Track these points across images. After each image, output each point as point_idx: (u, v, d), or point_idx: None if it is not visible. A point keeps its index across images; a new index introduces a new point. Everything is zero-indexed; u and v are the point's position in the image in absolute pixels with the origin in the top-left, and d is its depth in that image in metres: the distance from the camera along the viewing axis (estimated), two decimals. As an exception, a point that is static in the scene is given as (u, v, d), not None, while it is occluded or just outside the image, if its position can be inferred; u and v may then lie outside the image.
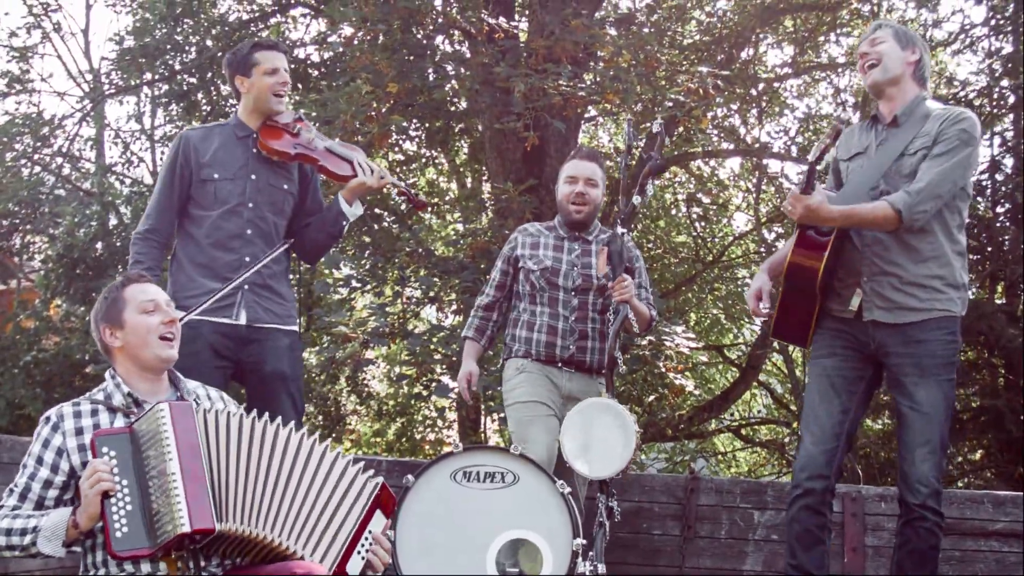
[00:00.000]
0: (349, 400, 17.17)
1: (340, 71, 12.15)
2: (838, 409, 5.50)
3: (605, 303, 6.53)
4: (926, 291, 5.36)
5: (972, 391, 14.43)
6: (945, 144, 5.30)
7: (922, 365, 5.32)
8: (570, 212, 6.68)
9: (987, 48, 15.09)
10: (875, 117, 5.63)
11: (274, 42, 6.31)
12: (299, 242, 6.39)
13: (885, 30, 5.54)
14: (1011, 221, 14.04)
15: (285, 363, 6.10)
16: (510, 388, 6.62)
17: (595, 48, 11.61)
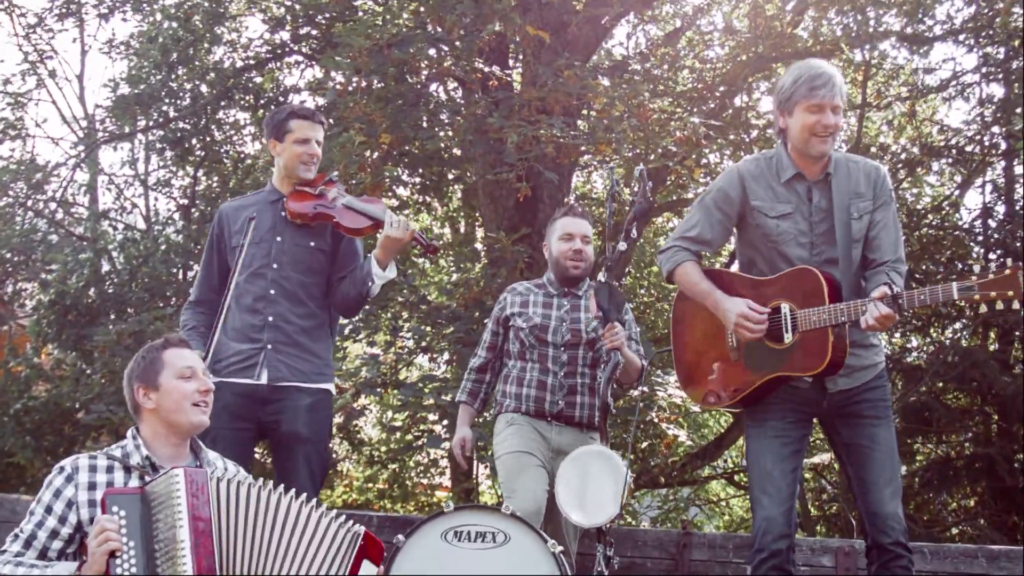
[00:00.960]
0: (341, 446, 17.13)
1: (334, 120, 12.15)
2: (790, 468, 5.49)
3: (595, 357, 6.59)
4: (866, 349, 5.50)
5: (965, 438, 14.45)
6: (884, 209, 5.48)
7: (878, 408, 5.50)
8: (567, 268, 6.72)
9: (978, 95, 15.17)
10: (798, 175, 5.50)
11: (310, 112, 6.39)
12: (334, 295, 6.39)
13: (840, 92, 5.40)
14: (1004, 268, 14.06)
15: (301, 423, 6.09)
16: (500, 440, 6.66)
17: (588, 98, 11.63)
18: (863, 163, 5.58)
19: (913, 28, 14.52)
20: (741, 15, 15.44)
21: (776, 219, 5.50)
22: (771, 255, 5.56)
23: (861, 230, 5.43)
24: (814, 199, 5.48)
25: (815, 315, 5.27)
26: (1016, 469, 13.58)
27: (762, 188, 5.56)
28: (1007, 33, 14.04)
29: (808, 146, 5.39)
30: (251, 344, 6.09)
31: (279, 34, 15.68)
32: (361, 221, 6.24)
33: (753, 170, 5.62)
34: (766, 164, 5.61)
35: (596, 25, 13.75)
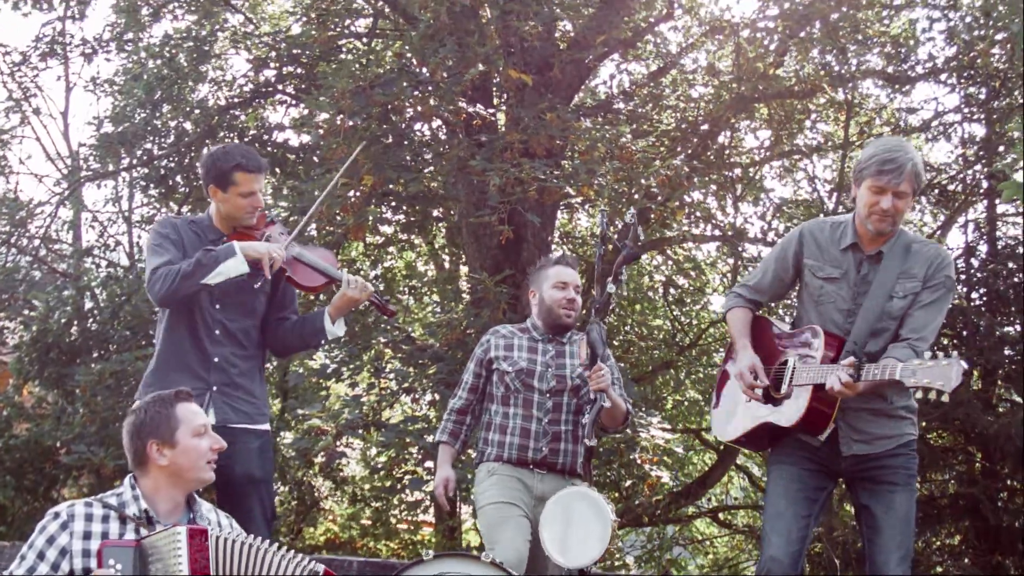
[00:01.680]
0: (324, 485, 17.13)
1: (317, 160, 12.20)
2: (804, 514, 5.58)
3: (579, 404, 6.58)
4: (894, 420, 5.57)
5: (949, 477, 14.48)
6: (933, 291, 5.51)
7: (898, 475, 5.55)
8: (560, 316, 6.70)
9: (960, 134, 15.25)
10: (854, 245, 5.62)
11: (256, 164, 6.16)
12: (271, 336, 6.38)
13: (910, 178, 5.41)
14: (987, 308, 14.14)
15: (255, 465, 6.08)
16: (481, 491, 6.61)
17: (570, 139, 11.69)
18: (928, 247, 5.64)
19: (895, 68, 14.60)
20: (724, 55, 15.51)
21: (822, 280, 5.68)
22: (812, 311, 5.73)
23: (902, 308, 5.50)
24: (863, 271, 5.60)
25: (805, 372, 5.43)
26: (1000, 508, 13.61)
27: (819, 249, 5.74)
28: (988, 73, 14.14)
29: (866, 221, 5.52)
30: (197, 382, 5.97)
31: (264, 73, 15.71)
32: (316, 279, 6.24)
33: (817, 231, 5.80)
34: (831, 228, 5.77)
35: (580, 65, 13.82)
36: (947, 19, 14.23)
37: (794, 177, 16.59)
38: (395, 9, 14.35)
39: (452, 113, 12.16)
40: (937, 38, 14.44)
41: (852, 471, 5.62)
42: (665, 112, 15.64)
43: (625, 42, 13.55)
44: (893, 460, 5.55)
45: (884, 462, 5.55)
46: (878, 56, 14.65)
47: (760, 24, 14.29)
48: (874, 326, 5.47)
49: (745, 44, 14.01)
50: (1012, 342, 14.00)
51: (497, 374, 6.72)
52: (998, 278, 14.20)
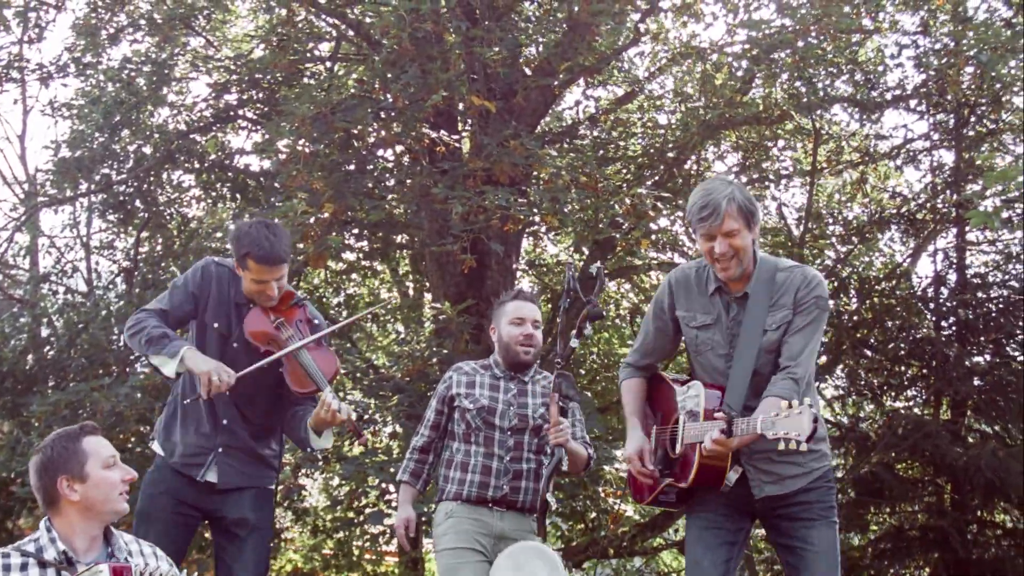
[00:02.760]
0: (285, 516, 17.02)
1: (278, 188, 12.15)
2: (722, 559, 5.57)
3: (540, 443, 6.58)
4: (802, 456, 5.42)
5: (918, 509, 14.49)
6: (805, 315, 5.46)
7: (813, 509, 5.54)
8: (519, 353, 6.69)
9: (930, 162, 15.30)
10: (719, 288, 5.59)
11: (268, 256, 5.98)
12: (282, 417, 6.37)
13: (733, 215, 5.37)
14: (956, 338, 14.17)
15: (248, 509, 6.13)
16: (439, 534, 6.61)
17: (534, 167, 11.67)
18: (794, 272, 5.58)
19: (864, 95, 14.63)
20: (691, 81, 15.53)
21: (697, 329, 5.63)
22: (695, 363, 5.71)
23: (776, 340, 5.46)
24: (732, 312, 5.56)
25: (691, 430, 5.42)
26: (969, 541, 13.62)
27: (688, 298, 5.69)
28: (957, 101, 14.20)
29: (716, 269, 5.50)
30: (202, 441, 6.06)
31: (225, 97, 15.65)
32: (306, 384, 6.12)
33: (682, 279, 5.74)
34: (695, 274, 5.70)
35: (545, 91, 13.82)
36: (916, 46, 14.29)
37: (763, 204, 16.58)
38: (358, 33, 14.32)
39: (415, 140, 12.14)
40: (906, 64, 14.50)
41: (766, 512, 5.61)
42: (631, 139, 15.64)
43: (590, 68, 13.54)
44: (807, 496, 5.54)
45: (798, 498, 5.53)
46: (846, 83, 14.68)
47: (728, 50, 14.31)
48: (754, 366, 5.44)
49: (712, 70, 14.02)
50: (982, 372, 14.04)
51: (458, 411, 6.71)
52: (967, 308, 14.23)
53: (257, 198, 14.90)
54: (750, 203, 5.45)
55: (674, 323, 5.77)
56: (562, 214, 11.42)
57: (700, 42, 15.01)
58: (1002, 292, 14.37)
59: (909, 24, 14.33)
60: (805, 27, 12.42)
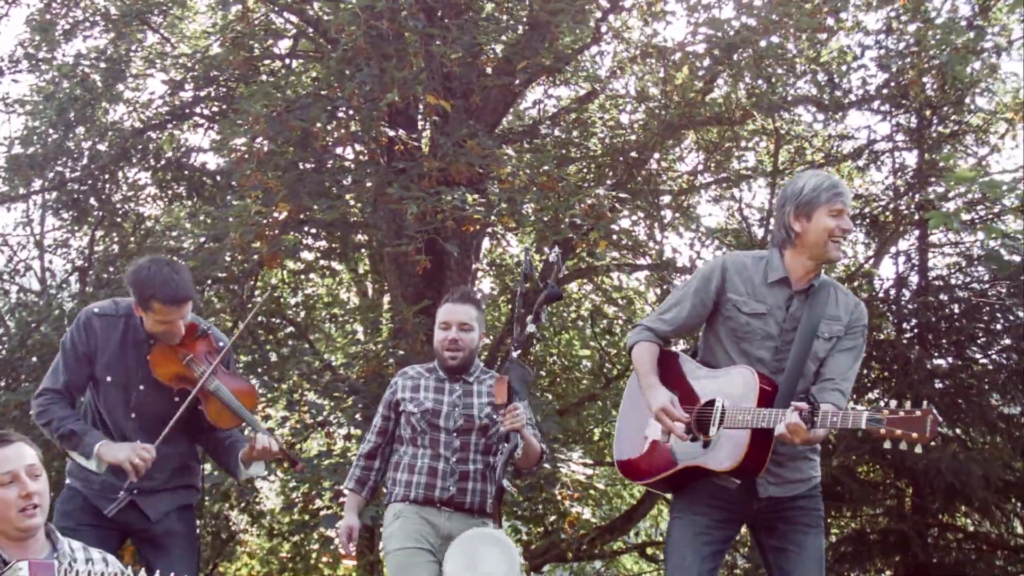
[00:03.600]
0: (240, 518, 16.97)
1: (233, 186, 12.12)
2: (708, 568, 5.56)
3: (488, 444, 6.59)
4: (804, 462, 5.58)
5: (879, 512, 14.54)
6: (853, 339, 5.54)
7: (809, 516, 5.60)
8: (445, 359, 6.72)
9: (892, 164, 15.34)
10: (784, 279, 5.59)
11: (174, 296, 5.87)
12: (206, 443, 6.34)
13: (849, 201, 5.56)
14: (917, 340, 14.22)
15: (172, 521, 6.07)
16: (388, 535, 6.61)
17: (492, 167, 11.67)
18: (848, 295, 5.68)
19: (828, 95, 14.68)
20: (653, 80, 15.55)
21: (748, 316, 5.60)
22: (734, 349, 5.65)
23: (825, 350, 5.50)
24: (791, 307, 5.56)
25: (740, 415, 5.33)
26: (930, 544, 13.68)
27: (744, 283, 5.66)
28: (919, 102, 14.25)
29: (827, 249, 5.48)
30: (115, 480, 5.89)
31: (180, 95, 15.60)
32: (231, 422, 6.08)
33: (739, 264, 5.72)
34: (754, 262, 5.71)
35: (505, 90, 13.82)
36: (879, 46, 14.35)
37: (724, 206, 16.65)
38: (317, 30, 14.30)
39: (372, 139, 12.13)
40: (869, 65, 14.55)
41: (764, 514, 5.61)
42: (592, 138, 15.65)
43: (550, 68, 13.55)
44: (806, 502, 5.59)
45: (798, 503, 5.57)
46: (809, 83, 14.73)
47: (689, 49, 14.32)
48: (803, 366, 5.45)
49: (673, 70, 14.04)
50: (943, 375, 14.08)
51: (404, 416, 6.72)
52: (929, 310, 14.27)
53: (213, 197, 14.86)
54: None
55: (716, 305, 5.71)
56: (519, 215, 11.42)
57: (662, 41, 15.04)
58: (964, 294, 14.42)
59: (872, 24, 14.39)
60: (765, 26, 12.44)
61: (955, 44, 12.80)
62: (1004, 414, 14.11)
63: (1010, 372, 13.97)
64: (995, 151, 15.54)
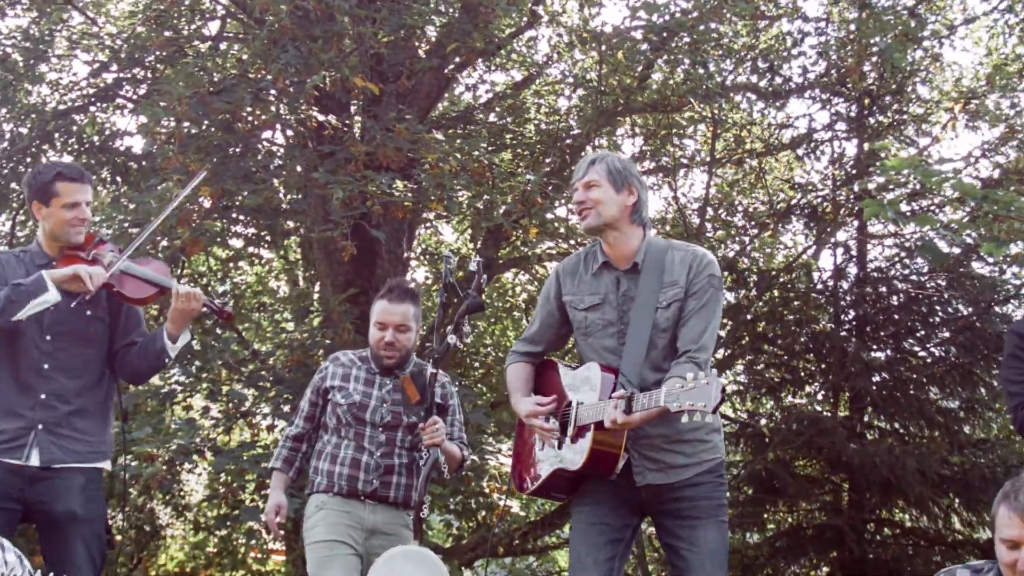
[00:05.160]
0: (164, 512, 16.85)
1: (156, 170, 12.01)
2: (605, 557, 5.54)
3: (414, 441, 6.58)
4: (691, 445, 5.53)
5: (815, 506, 14.61)
6: (698, 297, 5.51)
7: (699, 508, 5.53)
8: (381, 358, 6.74)
9: (831, 153, 15.42)
10: (605, 263, 5.66)
11: (78, 173, 6.10)
12: (120, 364, 6.25)
13: (599, 169, 5.61)
14: (855, 332, 14.30)
15: (76, 503, 5.93)
16: (310, 527, 6.61)
17: (421, 153, 11.62)
18: (687, 251, 5.66)
19: (769, 82, 14.72)
20: (589, 64, 15.52)
21: (585, 311, 5.66)
22: (584, 347, 5.71)
23: (669, 319, 5.49)
24: (622, 287, 5.59)
25: (585, 411, 5.40)
26: (865, 540, 13.76)
27: (574, 282, 5.74)
28: (859, 90, 14.32)
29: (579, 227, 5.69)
30: (19, 422, 5.87)
31: (104, 76, 15.46)
32: (145, 290, 6.11)
33: (569, 266, 5.83)
34: (581, 259, 5.79)
35: (439, 75, 13.78)
36: (818, 33, 14.41)
37: (661, 194, 16.66)
38: (244, 11, 14.19)
39: (299, 122, 12.06)
40: (809, 52, 14.60)
41: (652, 503, 5.59)
42: (527, 124, 15.62)
43: (482, 51, 13.50)
44: (694, 491, 5.53)
45: (685, 493, 5.52)
46: (749, 70, 14.75)
47: (626, 35, 14.30)
48: (648, 342, 5.46)
49: (608, 55, 14.03)
50: (880, 368, 14.18)
51: (331, 405, 6.73)
52: (866, 302, 14.36)
53: (138, 182, 14.73)
54: (616, 166, 5.64)
55: (561, 311, 5.82)
56: (449, 201, 11.38)
57: (599, 25, 15.03)
58: (903, 287, 14.51)
59: (812, 11, 14.45)
60: (701, 11, 12.45)
61: (895, 30, 12.86)
62: (942, 408, 14.23)
63: (948, 366, 14.09)
64: (936, 142, 15.62)
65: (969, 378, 13.92)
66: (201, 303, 6.08)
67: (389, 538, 6.47)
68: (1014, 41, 16.07)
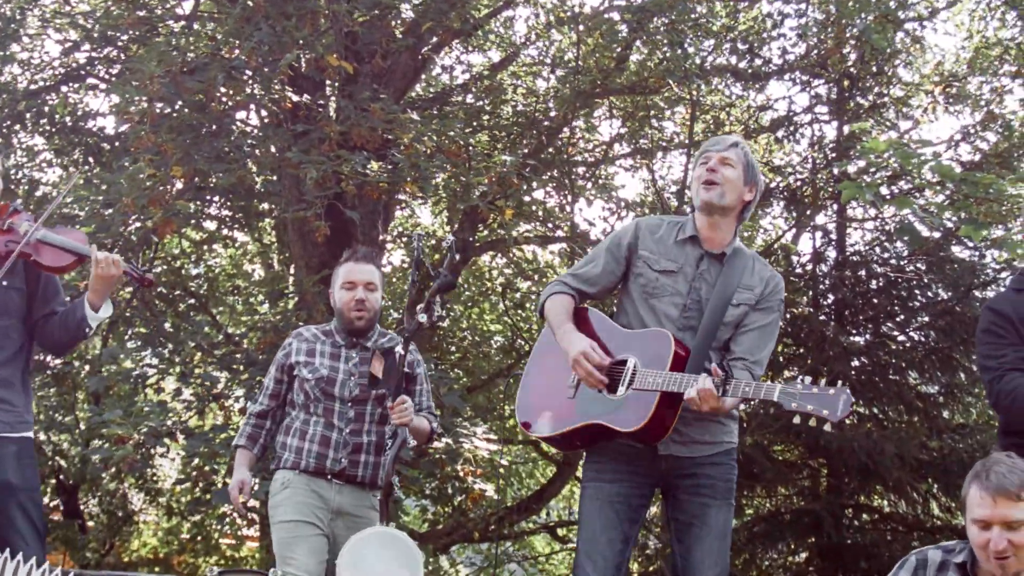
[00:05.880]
0: (137, 497, 16.85)
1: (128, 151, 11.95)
2: (619, 538, 5.54)
3: (383, 414, 6.52)
4: (715, 425, 5.55)
5: (793, 491, 14.62)
6: (767, 312, 5.59)
7: (716, 489, 5.55)
8: (351, 320, 6.64)
9: (811, 136, 15.42)
10: (693, 238, 5.67)
11: None
12: (40, 335, 6.15)
13: (738, 152, 5.64)
14: (834, 317, 14.30)
15: (11, 472, 5.81)
16: (275, 504, 6.54)
17: (396, 133, 11.59)
18: (767, 267, 5.73)
19: (749, 64, 14.72)
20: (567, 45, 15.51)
21: (658, 272, 5.65)
22: (643, 307, 5.67)
23: (736, 317, 5.53)
24: (701, 267, 5.61)
25: (651, 376, 5.33)
26: (843, 525, 13.78)
27: (655, 242, 5.72)
28: (839, 73, 14.32)
29: (697, 193, 5.62)
30: None
31: (75, 55, 15.39)
32: (63, 258, 6.01)
33: (653, 225, 5.82)
34: (668, 224, 5.80)
35: (415, 55, 13.75)
36: (798, 15, 14.41)
37: (641, 176, 16.67)
38: (218, -11, 14.14)
39: (272, 102, 12.02)
40: (789, 33, 14.61)
41: (670, 475, 5.58)
42: (504, 105, 15.60)
43: (458, 32, 13.47)
44: (712, 470, 5.56)
45: (704, 470, 5.54)
46: (728, 52, 14.75)
47: (605, 16, 14.27)
48: (716, 332, 5.48)
49: (587, 36, 14.01)
50: (859, 352, 14.18)
51: (297, 381, 6.66)
52: (845, 285, 14.36)
53: (110, 163, 14.67)
54: (750, 155, 5.71)
55: (627, 262, 5.78)
56: (423, 181, 11.36)
57: (575, 6, 15.02)
58: (882, 270, 14.51)
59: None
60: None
61: (875, 12, 12.86)
62: (921, 393, 14.23)
63: (928, 350, 14.09)
64: (917, 125, 15.65)
65: (948, 363, 13.91)
66: (121, 269, 5.95)
67: (355, 520, 6.42)
68: (996, 24, 16.11)
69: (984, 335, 5.98)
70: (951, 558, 4.90)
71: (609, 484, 5.59)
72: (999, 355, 5.85)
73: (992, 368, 5.86)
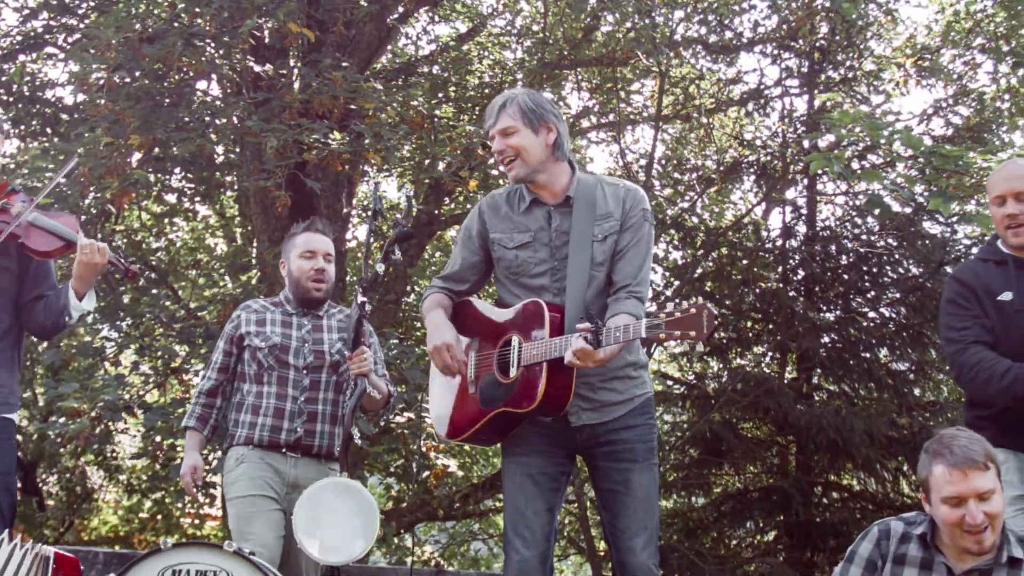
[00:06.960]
0: (97, 475, 16.80)
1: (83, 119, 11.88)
2: (544, 508, 5.51)
3: (339, 382, 6.54)
4: (622, 382, 5.54)
5: (761, 469, 14.63)
6: (636, 229, 5.53)
7: (635, 451, 5.53)
8: (309, 290, 6.66)
9: (781, 109, 15.42)
10: (534, 200, 5.62)
11: None
12: (27, 318, 6.15)
13: (511, 112, 5.55)
14: (804, 292, 14.31)
15: None
16: (230, 481, 6.53)
17: (359, 103, 11.55)
18: (618, 185, 5.66)
19: (719, 36, 14.71)
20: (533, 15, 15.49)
21: (515, 249, 5.61)
22: (515, 287, 5.64)
23: (605, 252, 5.49)
24: (554, 223, 5.55)
25: (533, 349, 5.33)
26: (812, 503, 13.79)
27: (501, 220, 5.67)
28: (809, 45, 14.32)
29: (509, 176, 5.59)
30: None
31: (33, 23, 15.29)
32: (52, 242, 6.02)
33: (495, 203, 5.76)
34: (506, 197, 5.73)
35: (380, 25, 13.69)
36: (770, -13, 14.40)
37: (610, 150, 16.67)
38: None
39: (234, 71, 11.96)
40: (760, 6, 14.59)
41: (588, 444, 5.57)
42: (470, 77, 15.56)
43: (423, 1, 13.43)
44: (630, 433, 5.53)
45: (621, 435, 5.52)
46: (698, 24, 14.73)
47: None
48: (588, 278, 5.46)
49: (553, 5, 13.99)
50: (828, 328, 14.19)
51: (249, 351, 6.65)
52: (815, 261, 14.36)
53: (68, 133, 14.60)
54: (528, 105, 5.56)
55: (484, 250, 5.75)
56: (387, 152, 11.32)
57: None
58: (852, 246, 14.51)
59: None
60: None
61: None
62: (891, 370, 14.26)
63: (898, 327, 14.11)
64: (889, 99, 15.66)
65: (919, 339, 13.93)
66: (107, 258, 5.98)
67: (312, 493, 6.41)
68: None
69: (948, 304, 6.00)
70: (912, 530, 4.92)
71: (527, 457, 5.56)
72: (961, 327, 5.88)
73: (955, 340, 5.89)
